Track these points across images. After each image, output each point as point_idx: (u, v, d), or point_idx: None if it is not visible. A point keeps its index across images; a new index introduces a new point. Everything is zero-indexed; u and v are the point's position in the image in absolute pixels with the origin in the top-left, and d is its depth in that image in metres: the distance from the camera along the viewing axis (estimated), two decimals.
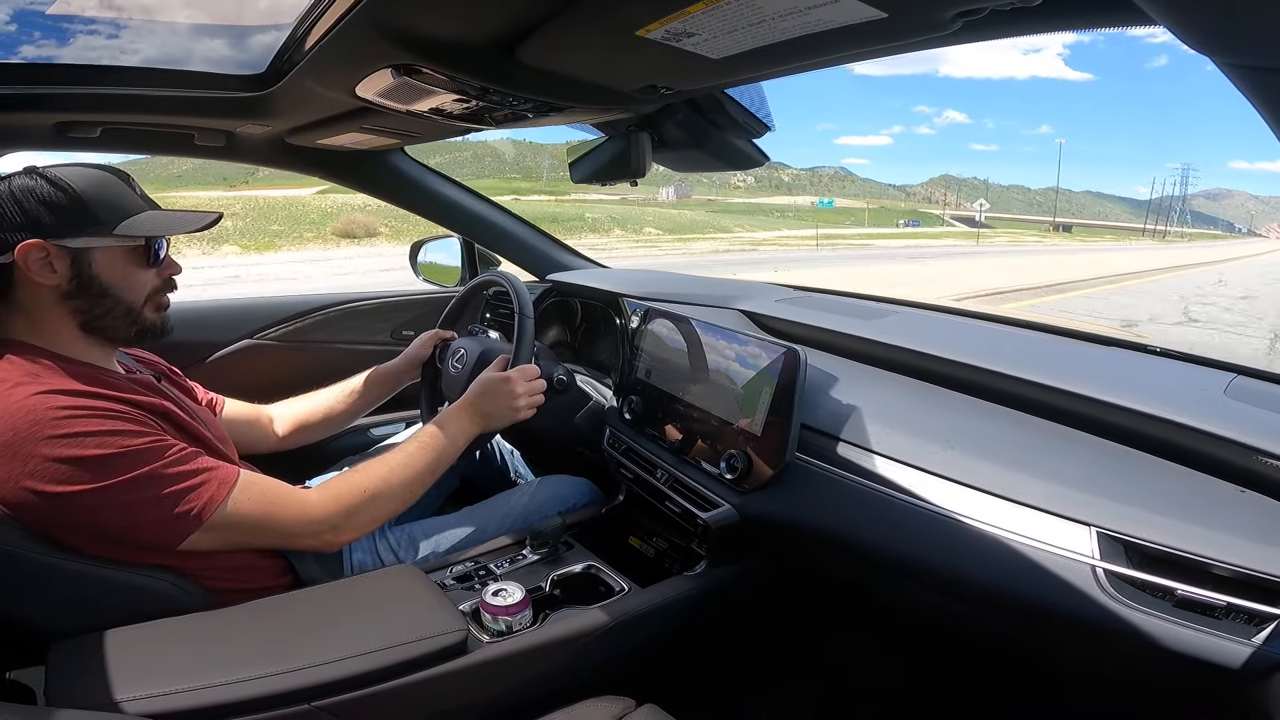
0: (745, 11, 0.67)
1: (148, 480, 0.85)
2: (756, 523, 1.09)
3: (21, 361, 0.87)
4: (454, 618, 0.91)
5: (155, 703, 0.74)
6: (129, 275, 0.95)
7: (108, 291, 0.93)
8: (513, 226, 2.01)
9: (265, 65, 1.14)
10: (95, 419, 0.84)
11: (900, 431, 1.02)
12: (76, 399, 0.84)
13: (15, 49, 1.07)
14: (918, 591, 0.98)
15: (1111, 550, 0.77)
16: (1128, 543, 0.76)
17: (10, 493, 0.81)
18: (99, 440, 0.83)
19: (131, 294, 0.96)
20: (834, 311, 1.48)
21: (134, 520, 0.85)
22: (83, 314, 0.93)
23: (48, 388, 0.84)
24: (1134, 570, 0.75)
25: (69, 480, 0.81)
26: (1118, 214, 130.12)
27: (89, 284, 0.92)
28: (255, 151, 1.62)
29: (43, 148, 1.40)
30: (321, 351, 1.84)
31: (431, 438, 1.12)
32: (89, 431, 0.83)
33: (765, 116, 1.18)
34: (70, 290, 0.91)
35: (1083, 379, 0.99)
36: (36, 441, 0.80)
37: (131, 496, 0.84)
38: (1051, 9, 0.64)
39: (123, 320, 0.96)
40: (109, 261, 0.93)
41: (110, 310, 0.94)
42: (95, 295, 0.93)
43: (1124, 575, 0.75)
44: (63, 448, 0.81)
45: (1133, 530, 0.76)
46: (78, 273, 0.91)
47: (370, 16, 0.78)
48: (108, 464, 0.83)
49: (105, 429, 0.84)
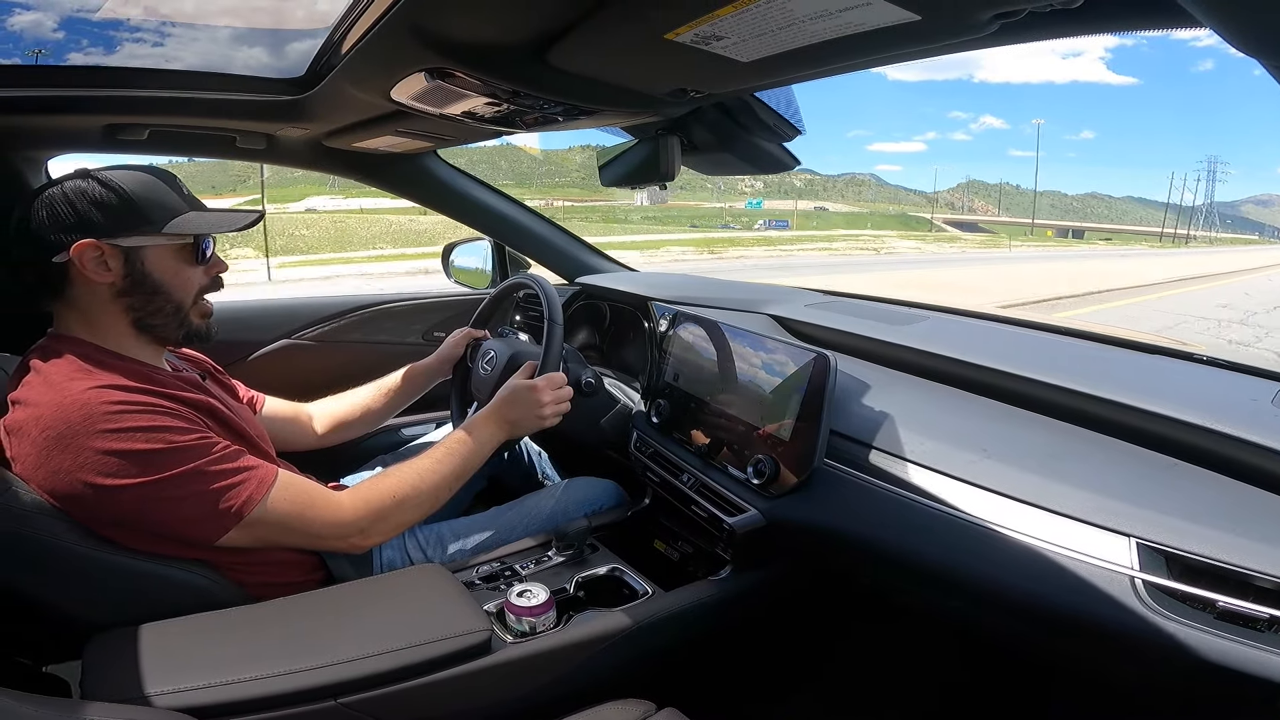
0: (775, 14, 0.67)
1: (192, 476, 0.88)
2: (783, 528, 1.08)
3: (76, 357, 0.90)
4: (478, 618, 0.92)
5: (185, 697, 0.75)
6: (179, 272, 0.99)
7: (159, 288, 0.97)
8: (542, 230, 2.03)
9: (304, 69, 1.17)
10: (145, 414, 0.87)
11: (934, 439, 1.00)
12: (128, 394, 0.87)
13: (64, 55, 1.11)
14: (948, 600, 0.96)
15: (1152, 561, 0.75)
16: (1169, 554, 0.74)
17: (62, 484, 0.84)
18: (148, 435, 0.86)
19: (181, 291, 1.00)
20: (865, 317, 1.47)
21: (177, 515, 0.88)
22: (135, 311, 0.96)
23: (101, 383, 0.87)
24: (1174, 581, 0.73)
25: (118, 473, 0.84)
26: (1158, 220, 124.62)
27: (141, 281, 0.95)
28: (294, 154, 1.65)
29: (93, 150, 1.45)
30: (356, 351, 1.87)
31: (459, 443, 1.13)
32: (139, 427, 0.86)
33: (796, 120, 1.18)
34: (124, 287, 0.95)
35: (1125, 387, 0.97)
36: (89, 435, 0.83)
37: (176, 491, 0.87)
38: (1092, 11, 0.63)
39: (172, 318, 1.00)
40: (159, 259, 0.97)
41: (162, 308, 0.98)
42: (148, 292, 0.96)
43: (1164, 586, 0.73)
44: (113, 441, 0.84)
45: (1174, 541, 0.74)
46: (130, 270, 0.94)
47: (404, 20, 0.80)
48: (156, 459, 0.86)
49: (154, 424, 0.87)
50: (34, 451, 0.85)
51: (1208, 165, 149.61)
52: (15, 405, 0.89)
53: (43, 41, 1.07)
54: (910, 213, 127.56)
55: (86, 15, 1.07)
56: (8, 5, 1.03)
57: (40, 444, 0.84)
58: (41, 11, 1.04)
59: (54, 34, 1.07)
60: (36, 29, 1.06)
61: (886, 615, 1.27)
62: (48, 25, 1.06)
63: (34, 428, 0.85)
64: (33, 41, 1.06)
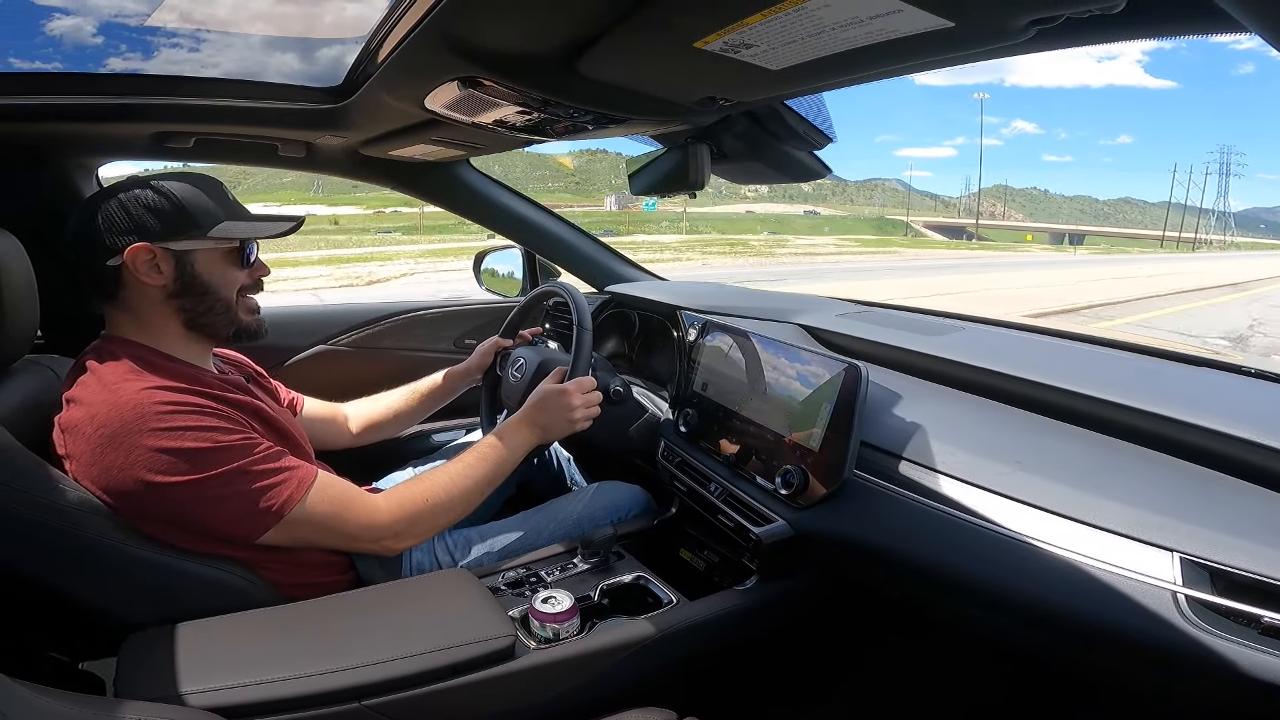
0: (805, 22, 0.66)
1: (237, 475, 0.90)
2: (811, 539, 1.07)
3: (129, 359, 0.94)
4: (503, 623, 0.92)
5: (213, 696, 0.77)
6: (226, 275, 1.03)
7: (208, 290, 1.01)
8: (573, 238, 2.04)
9: (340, 78, 1.19)
10: (194, 415, 0.90)
11: (967, 450, 0.98)
12: (178, 395, 0.91)
13: (103, 61, 1.15)
14: (981, 614, 0.94)
15: (1195, 576, 0.73)
16: (1213, 569, 0.72)
17: (114, 480, 0.87)
18: (196, 435, 0.89)
19: (229, 291, 1.03)
20: (897, 327, 1.44)
21: (221, 512, 0.90)
22: (186, 312, 1.00)
23: (152, 384, 0.90)
24: (1218, 596, 0.71)
25: (168, 471, 0.87)
26: (1191, 225, 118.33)
27: (192, 283, 0.99)
28: (332, 162, 1.69)
29: (141, 157, 1.50)
30: (389, 358, 1.90)
31: (491, 449, 1.15)
32: (188, 426, 0.89)
33: (827, 128, 1.17)
34: (175, 290, 0.98)
35: (1167, 399, 0.94)
36: (142, 433, 0.87)
37: (221, 490, 0.89)
38: (1132, 16, 0.61)
39: (222, 318, 1.03)
40: (208, 262, 1.00)
41: (211, 308, 1.01)
42: (198, 294, 1.00)
43: (1207, 601, 0.71)
44: (165, 440, 0.87)
45: (1218, 556, 0.72)
46: (181, 273, 0.98)
47: (437, 29, 0.81)
48: (204, 457, 0.88)
49: (203, 424, 0.90)
50: (88, 449, 0.88)
51: (1220, 157, 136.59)
52: (70, 404, 0.92)
53: (83, 47, 1.11)
54: (888, 216, 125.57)
55: (123, 20, 1.11)
56: (46, 10, 1.07)
57: (95, 441, 0.87)
58: (81, 17, 1.08)
59: (92, 38, 1.11)
60: (76, 33, 1.10)
61: (914, 628, 1.25)
62: (87, 30, 1.10)
63: (89, 426, 0.88)
64: (73, 47, 1.11)
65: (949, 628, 1.12)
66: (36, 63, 1.13)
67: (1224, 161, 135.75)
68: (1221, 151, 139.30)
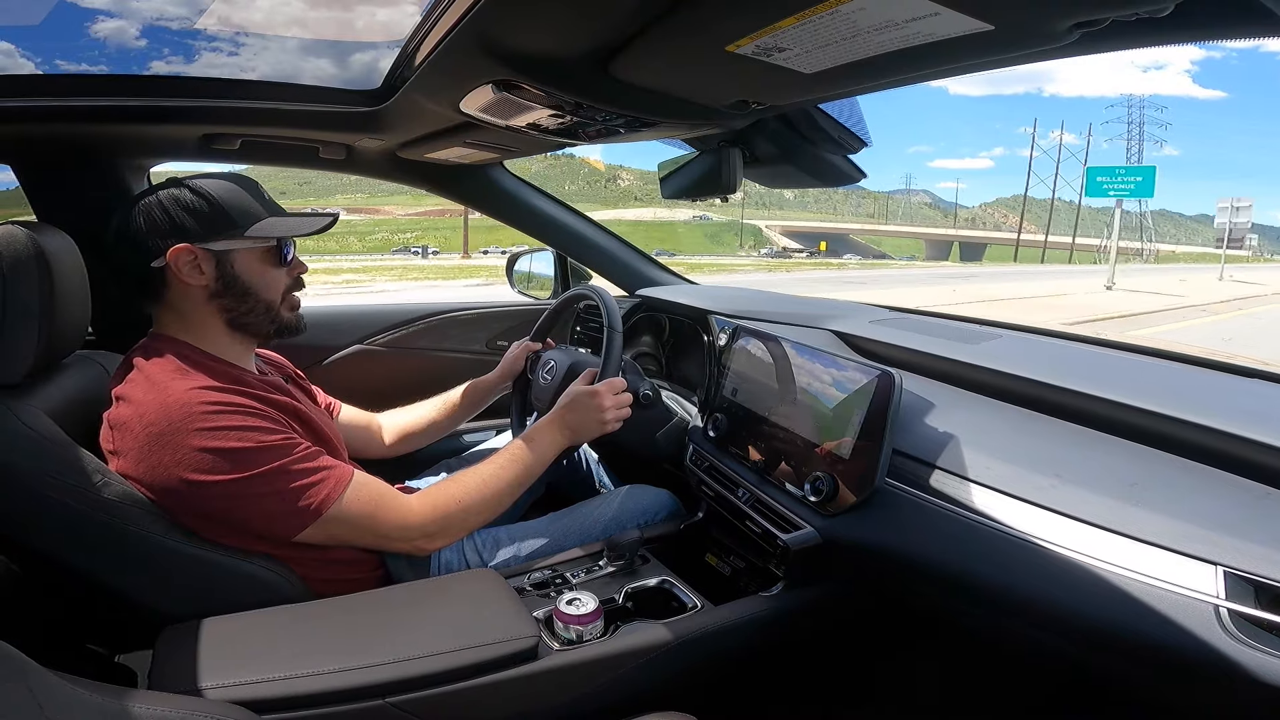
0: (839, 25, 0.65)
1: (277, 474, 0.92)
2: (839, 546, 1.05)
3: (175, 357, 0.97)
4: (527, 623, 0.93)
5: (242, 690, 0.78)
6: (265, 274, 1.05)
7: (249, 289, 1.03)
8: (604, 241, 2.05)
9: (378, 81, 1.22)
10: (238, 414, 0.92)
11: (1002, 460, 0.96)
12: (222, 394, 0.93)
13: (146, 64, 1.18)
14: (1014, 625, 0.92)
15: (1239, 590, 0.70)
16: (1258, 583, 0.70)
17: (160, 477, 0.90)
18: (239, 434, 0.91)
19: (269, 292, 1.05)
20: (932, 334, 1.42)
21: (261, 510, 0.92)
22: (229, 311, 1.02)
23: (199, 384, 0.93)
24: (1262, 611, 0.69)
25: (212, 470, 0.89)
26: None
27: (232, 283, 1.01)
28: (371, 164, 1.72)
29: (190, 158, 1.54)
30: (423, 358, 1.93)
31: (522, 450, 1.16)
32: (232, 426, 0.91)
33: (862, 132, 1.15)
34: (216, 289, 1.01)
35: (1212, 410, 0.91)
36: (188, 433, 0.89)
37: (262, 488, 0.91)
38: (1180, 19, 0.59)
39: (264, 317, 1.05)
40: (247, 262, 1.03)
41: (253, 308, 1.04)
42: (239, 294, 1.02)
43: (1250, 616, 0.69)
44: (209, 439, 0.89)
45: (1265, 570, 0.70)
46: (222, 273, 1.00)
47: (473, 32, 0.82)
48: (246, 456, 0.90)
49: (246, 424, 0.92)
50: (136, 446, 0.90)
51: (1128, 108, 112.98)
52: (119, 401, 0.95)
53: (126, 50, 1.14)
54: (748, 221, 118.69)
55: (165, 24, 1.14)
56: (90, 12, 1.11)
57: (143, 439, 0.90)
58: (125, 20, 1.11)
59: (135, 41, 1.14)
60: (120, 35, 1.13)
61: (943, 638, 1.23)
62: (130, 33, 1.13)
63: (137, 424, 0.91)
64: (117, 50, 1.14)
65: (979, 638, 1.10)
66: (83, 65, 1.16)
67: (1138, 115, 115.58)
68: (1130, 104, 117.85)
